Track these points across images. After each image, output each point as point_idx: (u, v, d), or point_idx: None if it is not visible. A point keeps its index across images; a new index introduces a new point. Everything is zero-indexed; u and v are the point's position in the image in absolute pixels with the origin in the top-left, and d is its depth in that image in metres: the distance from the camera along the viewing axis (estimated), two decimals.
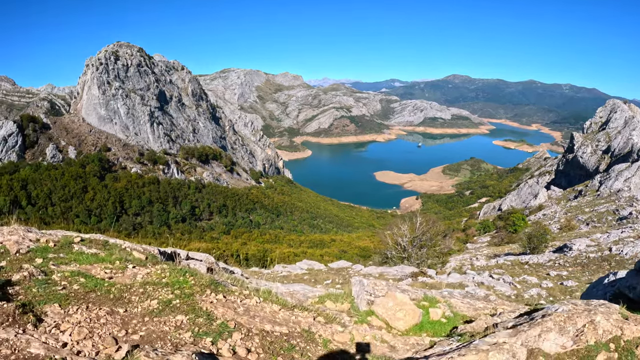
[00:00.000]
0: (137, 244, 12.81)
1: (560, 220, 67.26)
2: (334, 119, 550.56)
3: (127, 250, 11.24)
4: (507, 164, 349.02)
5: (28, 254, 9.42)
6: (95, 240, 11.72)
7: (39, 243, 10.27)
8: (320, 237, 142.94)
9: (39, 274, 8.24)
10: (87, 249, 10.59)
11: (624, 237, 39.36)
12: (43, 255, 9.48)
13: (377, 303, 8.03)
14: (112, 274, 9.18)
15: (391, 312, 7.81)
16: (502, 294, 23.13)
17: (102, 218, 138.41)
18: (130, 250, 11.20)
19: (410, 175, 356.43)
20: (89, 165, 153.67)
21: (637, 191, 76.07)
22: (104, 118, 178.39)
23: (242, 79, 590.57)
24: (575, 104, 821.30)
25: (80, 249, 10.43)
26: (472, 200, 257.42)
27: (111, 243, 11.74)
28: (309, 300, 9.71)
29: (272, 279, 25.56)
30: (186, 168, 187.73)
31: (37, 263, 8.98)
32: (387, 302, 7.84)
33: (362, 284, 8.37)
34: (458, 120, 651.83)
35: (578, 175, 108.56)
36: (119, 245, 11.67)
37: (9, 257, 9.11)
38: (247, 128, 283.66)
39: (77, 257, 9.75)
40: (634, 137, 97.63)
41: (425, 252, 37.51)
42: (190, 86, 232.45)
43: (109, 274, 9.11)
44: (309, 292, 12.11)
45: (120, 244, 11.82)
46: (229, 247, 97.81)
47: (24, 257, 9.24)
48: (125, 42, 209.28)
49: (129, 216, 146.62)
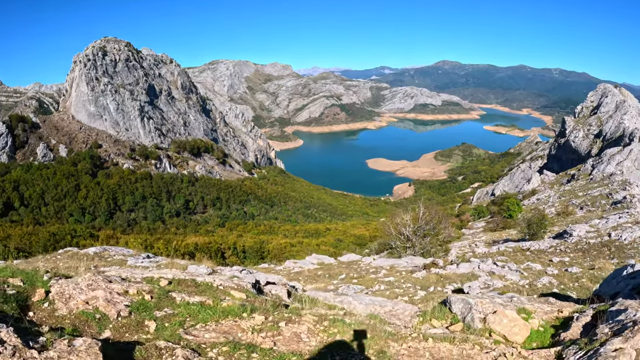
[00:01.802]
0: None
1: (554, 205, 67.92)
2: (324, 108, 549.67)
3: (221, 289, 10.36)
4: (498, 148, 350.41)
5: (131, 316, 7.80)
6: (183, 281, 10.55)
7: (130, 296, 8.61)
8: (315, 227, 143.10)
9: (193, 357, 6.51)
10: (187, 296, 9.14)
11: (622, 222, 39.80)
12: (150, 316, 7.99)
13: (492, 320, 8.37)
14: (266, 335, 7.81)
15: (507, 328, 8.28)
16: (515, 283, 23.50)
17: (95, 216, 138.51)
18: (225, 289, 10.47)
19: (403, 162, 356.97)
20: (80, 163, 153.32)
21: (629, 175, 76.91)
22: (94, 115, 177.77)
23: (231, 70, 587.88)
24: (565, 88, 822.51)
25: (181, 298, 8.91)
26: (464, 186, 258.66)
27: (200, 282, 10.62)
28: (414, 320, 9.68)
29: (293, 277, 25.93)
30: (178, 162, 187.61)
31: (152, 330, 7.50)
32: (501, 319, 8.28)
33: (468, 303, 8.69)
34: (449, 106, 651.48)
35: (570, 159, 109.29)
36: (209, 283, 10.60)
37: (111, 324, 7.47)
38: (237, 119, 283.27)
39: (191, 311, 8.38)
40: (625, 121, 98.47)
41: (429, 241, 38.04)
42: (180, 79, 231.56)
43: (263, 337, 7.73)
44: (388, 306, 11.97)
45: (210, 282, 10.70)
46: (225, 240, 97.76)
47: (129, 321, 7.64)
48: (113, 37, 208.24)
49: (122, 212, 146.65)
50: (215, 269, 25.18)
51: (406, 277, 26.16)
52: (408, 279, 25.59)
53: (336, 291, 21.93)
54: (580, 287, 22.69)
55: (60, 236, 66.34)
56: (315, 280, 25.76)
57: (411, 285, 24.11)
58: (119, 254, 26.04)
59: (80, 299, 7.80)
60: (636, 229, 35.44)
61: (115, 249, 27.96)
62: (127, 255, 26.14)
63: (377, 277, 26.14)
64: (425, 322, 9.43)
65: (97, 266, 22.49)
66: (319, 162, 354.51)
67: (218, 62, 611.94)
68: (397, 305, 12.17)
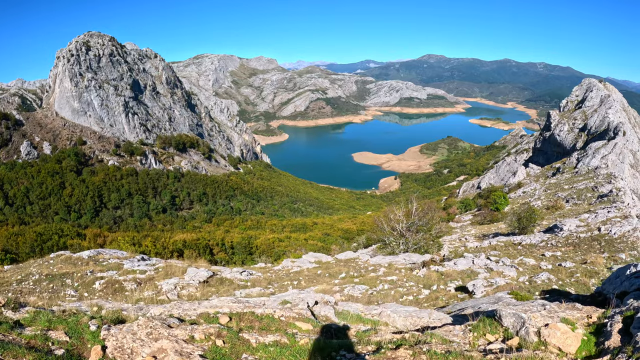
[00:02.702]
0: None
1: (540, 198, 68.30)
2: (309, 102, 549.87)
3: (283, 320, 9.90)
4: (483, 141, 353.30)
5: None
6: (243, 315, 9.91)
7: (199, 342, 7.72)
8: (302, 221, 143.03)
9: None
10: (258, 336, 8.53)
11: (611, 217, 40.21)
12: None
13: (546, 334, 8.43)
14: None
15: (562, 340, 8.34)
16: (515, 279, 23.46)
17: (81, 214, 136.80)
18: (287, 319, 9.96)
19: (388, 156, 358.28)
20: (65, 161, 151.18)
21: (614, 168, 77.64)
22: (78, 111, 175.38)
23: (216, 64, 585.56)
24: (549, 82, 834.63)
25: (255, 340, 8.24)
26: (450, 179, 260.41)
27: (260, 314, 10.04)
28: (468, 335, 9.43)
29: (294, 277, 25.53)
30: (164, 158, 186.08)
31: None
32: (555, 331, 8.37)
33: (521, 317, 8.87)
34: (434, 100, 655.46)
35: (555, 152, 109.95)
36: (269, 315, 10.05)
37: None
38: (223, 114, 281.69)
39: (271, 355, 7.71)
40: (610, 115, 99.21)
41: (422, 236, 37.88)
42: (164, 74, 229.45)
43: None
44: (424, 316, 12.03)
45: (270, 313, 10.17)
46: (212, 236, 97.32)
47: None
48: (96, 31, 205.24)
49: (108, 210, 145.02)
50: (214, 271, 24.66)
51: (407, 275, 26.23)
52: (410, 277, 25.60)
53: (342, 292, 21.63)
54: (577, 282, 22.86)
55: (47, 236, 65.28)
56: (316, 280, 25.37)
57: (414, 283, 24.12)
58: (113, 257, 25.39)
59: (144, 353, 6.94)
60: (625, 223, 35.94)
61: (108, 251, 27.28)
62: (121, 258, 25.52)
63: (378, 276, 26.00)
64: (480, 336, 9.30)
65: (94, 271, 21.80)
66: (305, 156, 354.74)
67: (203, 57, 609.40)
68: (432, 315, 12.25)
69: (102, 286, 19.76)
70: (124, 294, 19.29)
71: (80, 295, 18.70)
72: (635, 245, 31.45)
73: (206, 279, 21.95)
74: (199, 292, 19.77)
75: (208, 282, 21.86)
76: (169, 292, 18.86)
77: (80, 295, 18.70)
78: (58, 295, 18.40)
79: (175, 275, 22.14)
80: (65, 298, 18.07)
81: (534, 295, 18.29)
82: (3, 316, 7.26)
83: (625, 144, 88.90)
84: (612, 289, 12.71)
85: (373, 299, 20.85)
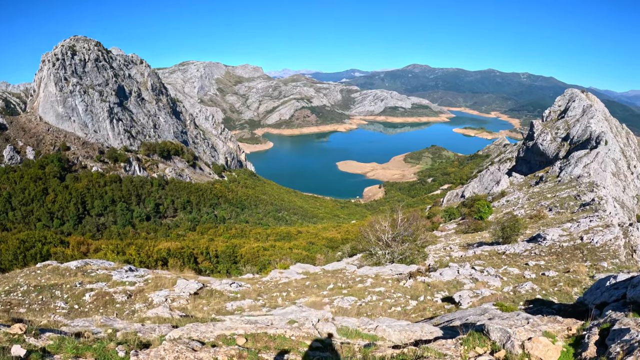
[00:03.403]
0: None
1: (524, 206, 68.99)
2: (294, 110, 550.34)
3: (294, 339, 10.29)
4: (467, 151, 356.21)
5: None
6: (258, 336, 10.33)
7: None
8: (287, 230, 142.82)
9: None
10: (275, 355, 9.23)
11: (593, 226, 40.73)
12: None
13: (530, 347, 9.10)
14: None
15: (543, 352, 8.99)
16: (500, 289, 23.80)
17: (64, 220, 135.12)
18: (298, 338, 10.48)
19: (373, 164, 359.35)
20: (48, 166, 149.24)
21: (596, 177, 78.81)
22: (62, 116, 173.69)
23: (202, 71, 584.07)
24: (533, 92, 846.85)
25: (270, 358, 8.86)
26: (434, 188, 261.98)
27: (272, 334, 10.56)
28: (459, 348, 9.93)
29: (282, 288, 25.57)
30: (148, 165, 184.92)
31: None
32: (537, 344, 9.06)
33: (507, 332, 9.55)
34: (418, 109, 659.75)
35: (538, 161, 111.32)
36: (281, 335, 10.59)
37: None
38: (208, 122, 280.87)
39: None
40: (592, 124, 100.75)
41: (407, 246, 38.13)
42: (150, 80, 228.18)
43: None
44: (417, 330, 12.63)
45: (282, 333, 10.68)
46: (196, 245, 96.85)
47: None
48: (82, 36, 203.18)
49: (92, 217, 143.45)
50: (204, 282, 24.68)
51: (394, 286, 26.49)
52: (397, 288, 25.88)
53: (332, 304, 21.79)
54: (560, 291, 23.25)
55: (30, 243, 64.59)
56: (305, 291, 25.46)
57: (401, 294, 24.40)
58: (101, 268, 25.30)
59: None
60: (607, 232, 36.57)
61: (96, 261, 27.16)
62: (109, 269, 25.42)
63: (365, 287, 26.21)
64: (470, 349, 9.86)
65: (83, 283, 21.72)
66: (289, 165, 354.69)
67: (188, 63, 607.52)
68: (424, 328, 12.86)
69: (92, 298, 19.67)
70: (114, 306, 19.24)
71: (71, 308, 18.60)
72: (617, 253, 32.06)
73: (196, 291, 21.98)
74: (189, 304, 19.78)
75: (198, 294, 21.88)
76: (161, 305, 18.86)
77: (71, 308, 18.60)
78: (48, 308, 18.30)
79: (165, 287, 22.13)
80: (55, 310, 17.98)
81: (518, 305, 18.63)
82: (27, 344, 7.24)
83: (607, 152, 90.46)
84: (592, 300, 13.21)
85: (362, 311, 21.06)
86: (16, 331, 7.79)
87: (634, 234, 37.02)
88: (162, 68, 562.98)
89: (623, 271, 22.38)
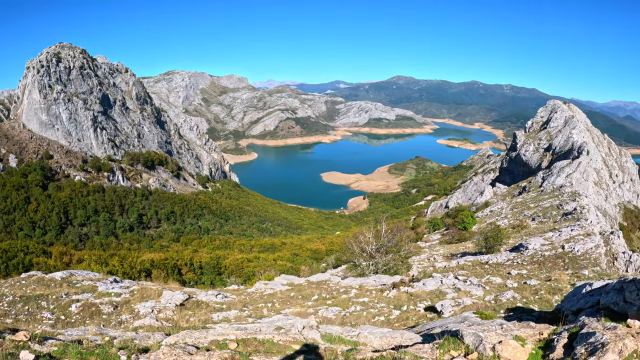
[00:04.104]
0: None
1: (507, 216, 69.59)
2: (279, 121, 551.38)
3: (281, 344, 10.76)
4: (451, 161, 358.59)
5: None
6: (248, 340, 10.64)
7: None
8: (271, 241, 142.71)
9: None
10: (265, 357, 9.86)
11: (575, 235, 41.26)
12: None
13: (500, 349, 9.64)
14: None
15: (512, 354, 9.55)
16: (482, 299, 24.07)
17: (46, 230, 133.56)
18: (285, 342, 11.01)
19: (357, 176, 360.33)
20: (31, 175, 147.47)
21: (578, 186, 79.81)
22: (46, 124, 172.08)
23: (187, 81, 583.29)
24: (516, 104, 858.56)
25: None
26: (418, 199, 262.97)
27: (262, 339, 10.95)
28: (436, 352, 10.40)
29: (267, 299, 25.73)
30: (132, 175, 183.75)
31: None
32: (507, 347, 9.64)
33: (479, 336, 10.10)
34: (403, 121, 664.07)
35: (521, 172, 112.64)
36: (269, 340, 10.92)
37: None
38: (192, 132, 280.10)
39: None
40: (574, 135, 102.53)
41: (391, 257, 38.41)
42: (135, 89, 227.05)
43: None
44: (397, 337, 13.10)
45: (270, 338, 11.07)
46: (180, 256, 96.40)
47: None
48: (68, 43, 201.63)
49: (74, 227, 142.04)
50: (189, 293, 24.82)
51: (378, 296, 26.65)
52: (381, 298, 26.05)
53: (317, 314, 22.04)
54: (541, 299, 23.65)
55: (12, 253, 64.04)
56: (290, 302, 25.64)
57: (385, 304, 24.55)
58: (86, 279, 25.32)
59: None
60: (588, 240, 37.14)
61: (81, 272, 27.16)
62: (94, 280, 25.46)
63: (350, 298, 26.39)
64: (445, 353, 10.36)
65: (69, 294, 21.79)
66: (274, 176, 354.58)
67: (174, 73, 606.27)
68: (404, 335, 13.34)
69: (78, 309, 19.74)
70: (101, 317, 19.32)
71: (57, 318, 18.66)
72: (598, 261, 32.61)
73: (182, 302, 22.13)
74: (176, 315, 19.92)
75: (184, 305, 22.01)
76: (147, 316, 19.01)
77: (57, 318, 18.66)
78: (35, 318, 18.34)
79: (151, 298, 22.23)
80: (42, 321, 18.03)
81: (498, 313, 18.87)
82: (33, 350, 7.53)
83: (589, 162, 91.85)
84: (569, 307, 13.54)
85: (347, 320, 21.29)
86: (21, 338, 8.10)
87: (615, 242, 37.76)
88: (147, 77, 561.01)
89: (604, 279, 22.84)
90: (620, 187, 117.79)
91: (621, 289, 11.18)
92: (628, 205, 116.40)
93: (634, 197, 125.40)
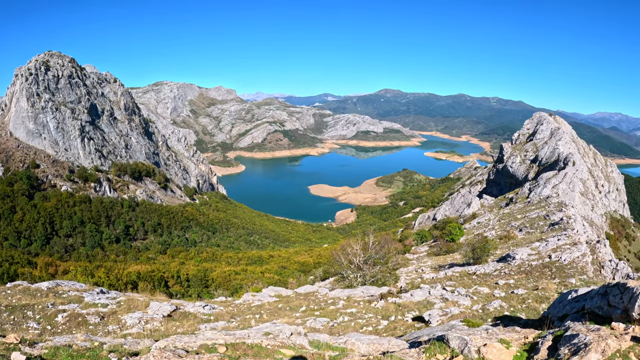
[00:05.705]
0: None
1: (494, 227, 69.89)
2: (267, 134, 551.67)
3: (269, 348, 11.07)
4: (438, 174, 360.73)
5: None
6: (237, 345, 10.85)
7: None
8: (259, 254, 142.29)
9: None
10: None
11: (561, 244, 41.64)
12: None
13: (485, 352, 9.85)
14: None
15: (497, 356, 9.78)
16: (469, 308, 24.21)
17: (32, 240, 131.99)
18: (273, 347, 11.21)
19: (345, 188, 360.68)
20: (17, 184, 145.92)
21: (564, 197, 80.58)
22: (33, 132, 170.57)
23: (175, 92, 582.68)
24: (502, 116, 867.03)
25: None
26: (406, 211, 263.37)
27: (250, 344, 11.20)
28: (422, 356, 10.63)
29: (255, 311, 25.69)
30: (119, 185, 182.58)
31: None
32: (492, 349, 9.85)
33: (464, 339, 10.34)
34: (390, 133, 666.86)
35: (508, 183, 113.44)
36: (258, 344, 11.31)
37: None
38: (180, 143, 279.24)
39: None
40: (560, 146, 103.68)
41: (379, 269, 38.46)
42: (123, 100, 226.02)
43: None
44: (384, 343, 13.37)
45: (258, 342, 11.44)
46: (167, 268, 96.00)
47: None
48: (57, 51, 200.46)
49: (60, 238, 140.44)
50: (177, 304, 24.69)
51: (366, 307, 26.76)
52: (368, 309, 26.15)
53: (305, 324, 22.02)
54: (528, 307, 23.95)
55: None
56: (278, 313, 25.61)
57: (373, 315, 24.68)
58: (73, 289, 25.11)
59: None
60: (574, 250, 37.69)
61: (67, 283, 26.93)
62: (81, 291, 25.27)
63: (338, 309, 26.44)
64: (431, 356, 10.61)
65: (55, 304, 21.61)
66: (261, 188, 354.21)
67: (162, 84, 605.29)
68: (391, 342, 13.61)
69: (65, 319, 19.58)
70: (88, 327, 19.18)
71: (44, 328, 18.51)
72: (585, 270, 32.96)
73: (170, 313, 22.02)
74: (163, 326, 19.81)
75: (171, 316, 21.91)
76: (134, 327, 18.89)
77: (44, 328, 18.51)
78: (20, 328, 18.19)
79: (138, 309, 22.10)
80: (28, 330, 17.89)
81: (486, 322, 19.03)
82: (24, 352, 7.50)
83: (575, 173, 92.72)
84: (555, 313, 13.87)
85: (334, 331, 21.28)
86: (12, 340, 8.07)
87: (602, 250, 38.19)
88: (135, 87, 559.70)
89: (590, 286, 23.15)
90: (606, 197, 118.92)
91: (605, 293, 11.45)
92: (614, 214, 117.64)
93: (620, 206, 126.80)
